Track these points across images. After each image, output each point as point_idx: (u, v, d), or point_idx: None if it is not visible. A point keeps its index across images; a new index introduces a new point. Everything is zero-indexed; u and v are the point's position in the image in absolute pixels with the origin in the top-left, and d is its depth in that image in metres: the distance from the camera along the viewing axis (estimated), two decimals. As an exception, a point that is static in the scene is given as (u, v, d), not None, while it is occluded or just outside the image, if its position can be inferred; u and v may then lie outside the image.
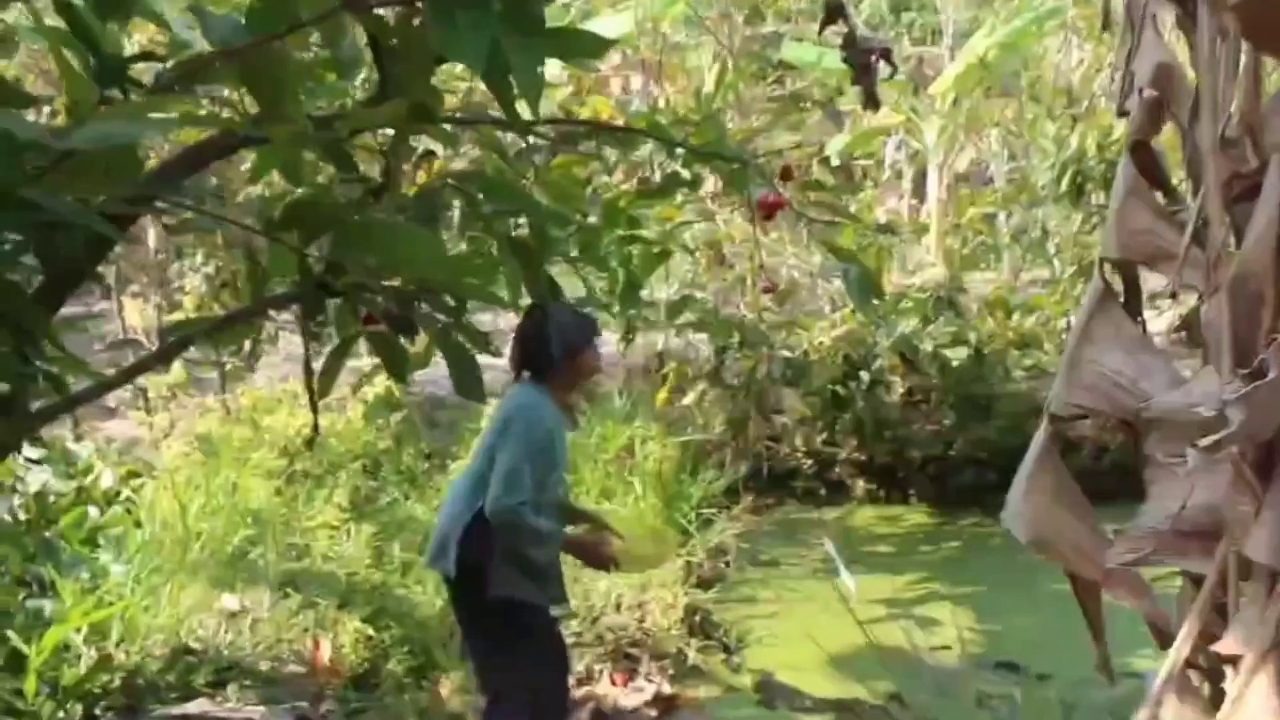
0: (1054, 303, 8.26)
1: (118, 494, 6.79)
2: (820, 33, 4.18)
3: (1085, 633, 1.92)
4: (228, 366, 7.46)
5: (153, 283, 8.40)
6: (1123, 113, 1.95)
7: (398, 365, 2.57)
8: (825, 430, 8.10)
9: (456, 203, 2.99)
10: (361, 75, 3.00)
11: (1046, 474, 1.76)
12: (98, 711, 4.39)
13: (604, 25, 9.52)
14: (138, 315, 7.61)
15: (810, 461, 8.48)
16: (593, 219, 4.26)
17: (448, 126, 2.99)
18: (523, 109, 2.03)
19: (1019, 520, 1.74)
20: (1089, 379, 1.76)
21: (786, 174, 4.57)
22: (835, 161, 10.48)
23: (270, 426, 7.04)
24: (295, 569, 5.80)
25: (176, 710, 4.19)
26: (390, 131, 2.71)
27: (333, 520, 6.31)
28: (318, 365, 2.70)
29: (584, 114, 7.65)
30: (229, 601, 5.22)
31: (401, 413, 7.75)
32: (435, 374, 5.73)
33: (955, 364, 7.80)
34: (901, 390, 8.00)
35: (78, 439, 8.71)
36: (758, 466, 8.08)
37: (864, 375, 7.69)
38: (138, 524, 6.13)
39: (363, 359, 5.26)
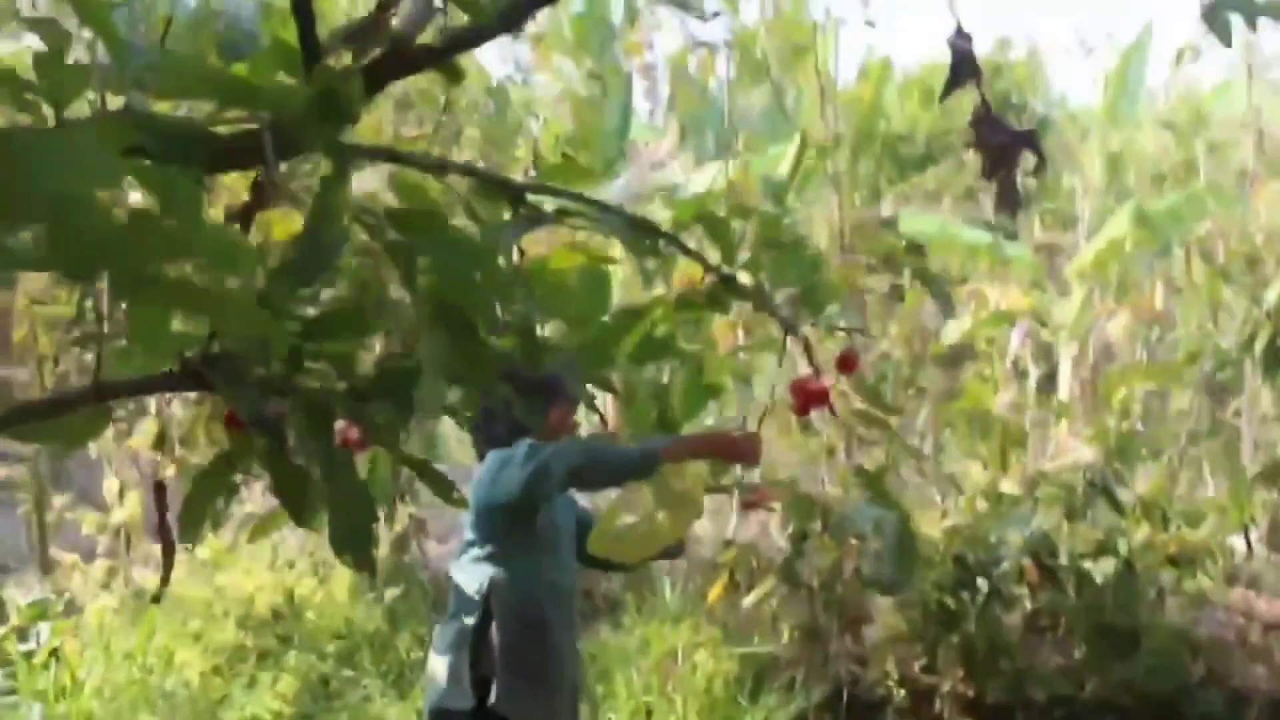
0: (1230, 510, 6.50)
1: (54, 653, 5.56)
2: (945, 96, 2.95)
3: None
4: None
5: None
6: None
7: (296, 498, 1.70)
8: (926, 653, 6.37)
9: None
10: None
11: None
12: None
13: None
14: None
15: (904, 691, 6.73)
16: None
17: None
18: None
19: None
20: None
21: (847, 364, 3.47)
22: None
23: (225, 586, 5.63)
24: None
25: None
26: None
27: (270, 716, 4.84)
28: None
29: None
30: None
31: (400, 587, 6.21)
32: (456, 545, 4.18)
33: (1100, 580, 6.07)
34: (1026, 610, 6.29)
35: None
36: (837, 690, 6.37)
37: (981, 583, 5.98)
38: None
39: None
